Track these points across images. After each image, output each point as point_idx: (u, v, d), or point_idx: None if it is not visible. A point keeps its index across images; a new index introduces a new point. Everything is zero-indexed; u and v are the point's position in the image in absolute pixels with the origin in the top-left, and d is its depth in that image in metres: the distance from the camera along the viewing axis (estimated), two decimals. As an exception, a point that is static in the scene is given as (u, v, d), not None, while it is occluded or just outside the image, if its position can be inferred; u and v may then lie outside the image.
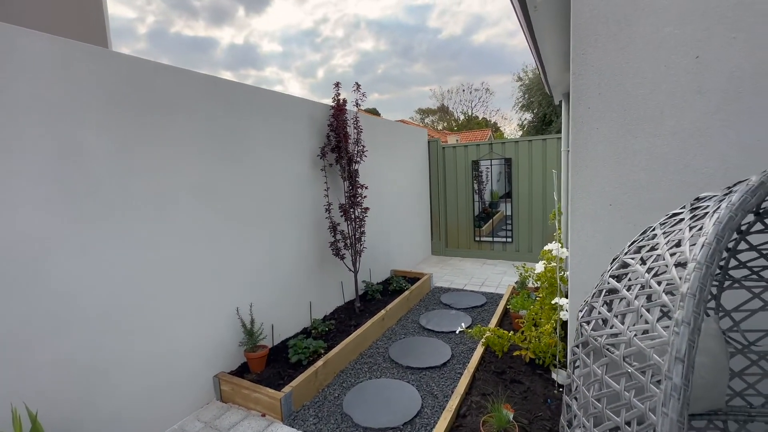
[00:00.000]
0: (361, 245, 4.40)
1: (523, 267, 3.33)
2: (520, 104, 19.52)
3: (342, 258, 4.27)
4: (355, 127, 4.36)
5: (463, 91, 28.68)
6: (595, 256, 1.56)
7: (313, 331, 3.88)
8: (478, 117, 33.15)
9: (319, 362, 3.22)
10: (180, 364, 2.83)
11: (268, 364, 3.32)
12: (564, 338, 3.07)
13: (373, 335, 4.06)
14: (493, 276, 6.20)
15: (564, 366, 2.99)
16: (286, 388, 2.87)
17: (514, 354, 3.13)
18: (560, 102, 4.74)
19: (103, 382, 2.39)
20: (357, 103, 4.29)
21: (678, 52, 1.38)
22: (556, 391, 2.73)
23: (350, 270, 4.43)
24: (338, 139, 4.21)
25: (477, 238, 7.41)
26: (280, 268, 3.78)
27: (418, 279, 5.60)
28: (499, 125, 31.67)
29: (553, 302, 2.74)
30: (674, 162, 1.42)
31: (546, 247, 2.81)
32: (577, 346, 0.93)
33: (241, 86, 3.34)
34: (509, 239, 7.13)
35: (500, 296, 5.19)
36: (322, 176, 4.28)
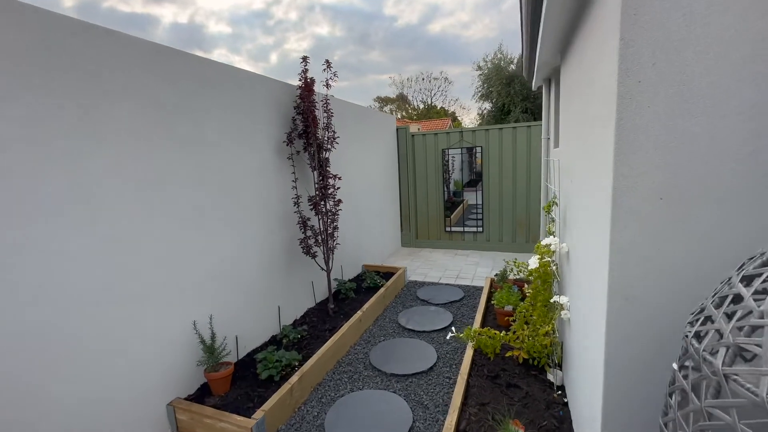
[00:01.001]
0: (333, 242, 4.00)
1: (514, 262, 3.14)
2: (479, 93, 19.67)
3: (314, 256, 3.85)
4: (325, 111, 3.91)
5: (423, 79, 28.49)
6: (639, 257, 1.33)
7: (283, 340, 3.46)
8: (436, 106, 33.28)
9: (294, 378, 2.83)
10: (122, 396, 2.32)
11: (234, 383, 2.88)
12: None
13: (351, 339, 3.72)
14: (467, 267, 6.07)
15: (558, 366, 2.84)
16: (258, 414, 2.46)
17: (507, 355, 2.94)
18: (539, 87, 4.58)
19: (14, 430, 1.85)
20: (327, 84, 3.85)
21: (753, 12, 1.15)
22: (555, 395, 2.56)
23: (322, 269, 4.03)
24: (306, 123, 3.75)
25: (447, 229, 7.25)
26: (243, 271, 3.30)
27: (392, 274, 5.31)
28: (457, 114, 32.02)
29: (552, 300, 2.56)
30: (739, 148, 1.21)
31: (544, 242, 2.61)
32: (720, 409, 0.65)
33: (191, 57, 2.78)
34: (480, 229, 7.03)
35: (477, 289, 5.04)
36: (289, 165, 3.81)
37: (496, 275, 4.56)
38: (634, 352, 1.40)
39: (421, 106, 32.72)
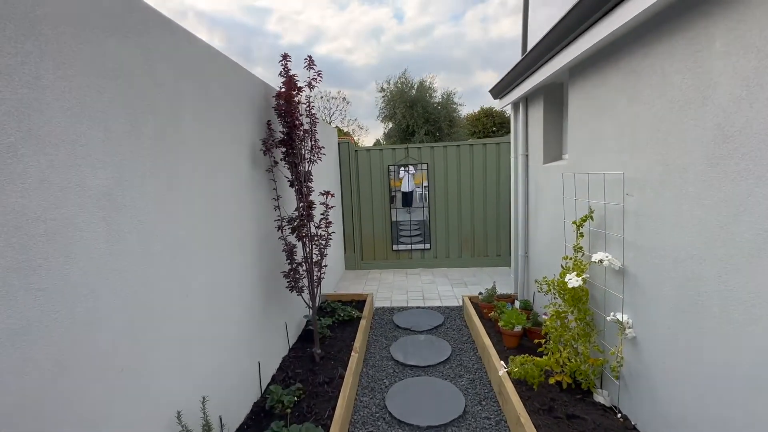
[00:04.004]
0: (320, 271, 3.30)
1: (544, 280, 2.99)
2: (383, 114, 20.27)
3: (300, 292, 3.10)
4: (308, 115, 3.26)
5: (321, 97, 28.10)
6: None
7: (275, 408, 2.62)
8: (332, 125, 33.22)
9: (326, 461, 2.10)
10: None
11: (235, 490, 2.00)
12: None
13: (353, 390, 3.06)
14: (427, 287, 5.84)
15: (598, 386, 2.75)
16: None
17: (550, 381, 2.73)
18: (508, 106, 4.69)
19: None
20: (310, 84, 3.21)
21: None
22: (619, 419, 2.43)
23: (308, 306, 3.28)
24: (290, 127, 3.05)
25: (395, 247, 6.96)
26: (221, 320, 2.40)
27: (360, 301, 4.75)
28: (355, 134, 32.45)
29: (610, 318, 2.45)
30: None
31: (595, 257, 2.50)
32: None
33: (164, 21, 1.93)
34: (427, 246, 6.93)
35: (452, 309, 4.82)
36: (268, 180, 3.03)
37: (480, 294, 4.42)
38: None
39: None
